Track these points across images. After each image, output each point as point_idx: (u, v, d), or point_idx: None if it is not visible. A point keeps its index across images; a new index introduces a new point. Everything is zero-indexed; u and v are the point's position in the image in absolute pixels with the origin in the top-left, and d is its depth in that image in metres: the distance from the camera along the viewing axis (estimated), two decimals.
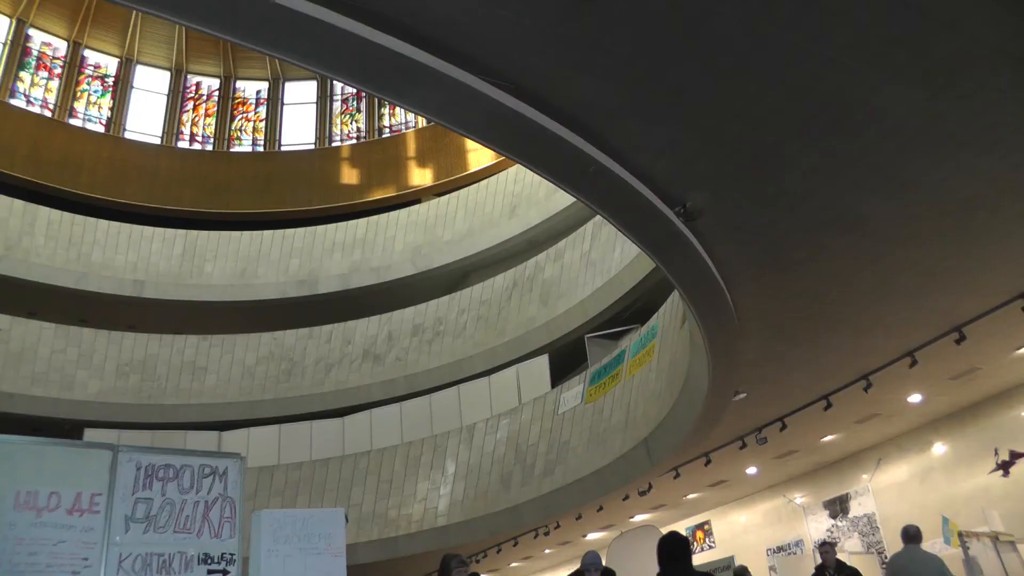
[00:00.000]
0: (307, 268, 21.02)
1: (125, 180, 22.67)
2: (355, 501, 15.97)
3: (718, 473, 13.27)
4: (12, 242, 19.44)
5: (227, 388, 19.25)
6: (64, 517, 5.89)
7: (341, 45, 4.36)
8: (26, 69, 23.15)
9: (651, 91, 4.98)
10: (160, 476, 6.32)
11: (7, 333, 18.21)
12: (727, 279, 6.97)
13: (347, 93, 25.35)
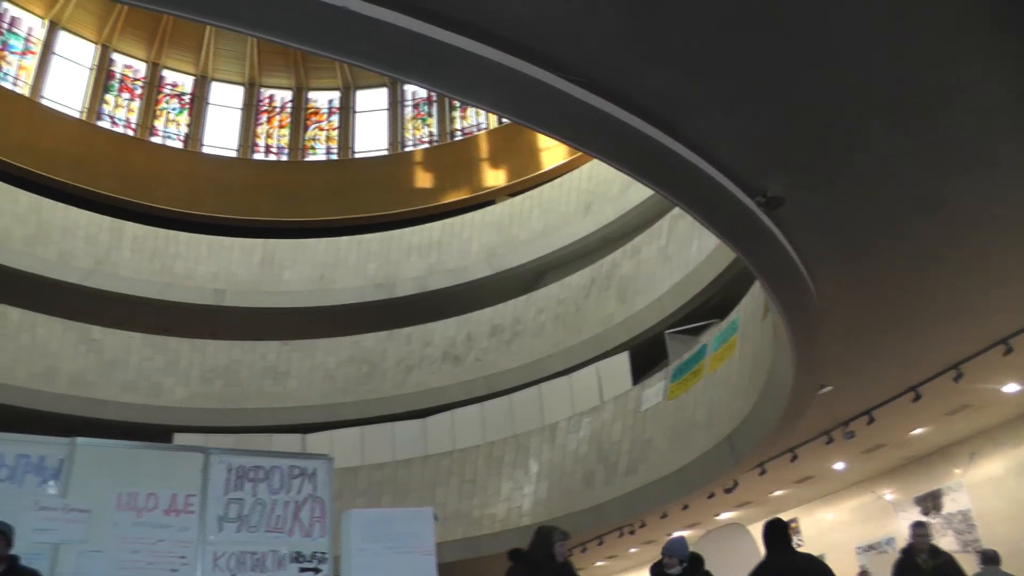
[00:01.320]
0: (384, 272, 21.23)
1: (203, 193, 23.26)
2: (439, 501, 16.06)
3: (804, 469, 13.01)
4: (101, 256, 20.15)
5: (309, 391, 19.55)
6: (161, 517, 6.12)
7: (413, 48, 4.38)
8: (110, 92, 24.15)
9: (726, 80, 4.91)
10: (251, 477, 6.50)
11: (100, 343, 18.80)
12: (809, 268, 6.84)
13: (418, 98, 25.55)
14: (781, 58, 4.74)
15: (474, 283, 20.57)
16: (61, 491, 5.79)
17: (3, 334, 17.85)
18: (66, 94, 23.30)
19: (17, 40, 22.68)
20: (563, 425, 15.86)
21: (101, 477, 5.97)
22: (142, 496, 6.03)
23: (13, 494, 5.54)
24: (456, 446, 17.13)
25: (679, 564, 6.48)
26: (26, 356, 17.95)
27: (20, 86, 22.48)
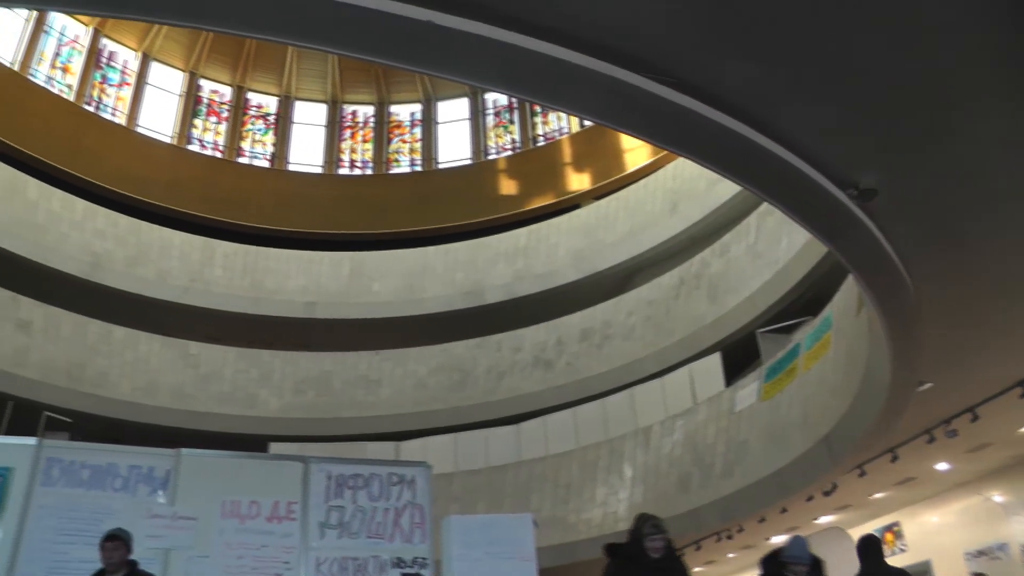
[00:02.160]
0: (472, 280, 21.33)
1: (291, 209, 23.73)
2: (533, 507, 16.03)
3: (906, 470, 12.55)
4: (195, 274, 20.82)
5: (402, 400, 19.75)
6: (264, 524, 6.33)
7: (498, 57, 4.40)
8: (199, 116, 25.05)
9: (812, 71, 4.82)
10: (350, 485, 6.64)
11: (197, 358, 19.44)
12: (905, 260, 6.63)
13: (499, 106, 25.66)
14: (867, 44, 4.61)
15: (562, 288, 20.49)
16: (169, 500, 6.05)
17: (109, 351, 18.71)
18: (158, 121, 24.31)
19: (114, 73, 23.86)
20: (656, 428, 15.69)
21: (206, 486, 6.22)
22: (245, 504, 6.25)
23: (127, 503, 5.87)
24: (549, 452, 17.09)
25: (805, 566, 5.91)
26: (130, 371, 18.76)
27: (118, 116, 23.57)
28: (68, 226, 19.63)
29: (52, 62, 22.57)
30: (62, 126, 21.89)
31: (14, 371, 17.05)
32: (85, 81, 23.03)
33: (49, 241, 19.10)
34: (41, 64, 22.25)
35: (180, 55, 24.97)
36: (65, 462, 6.12)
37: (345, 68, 25.59)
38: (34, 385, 17.23)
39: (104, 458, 6.19)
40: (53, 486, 6.04)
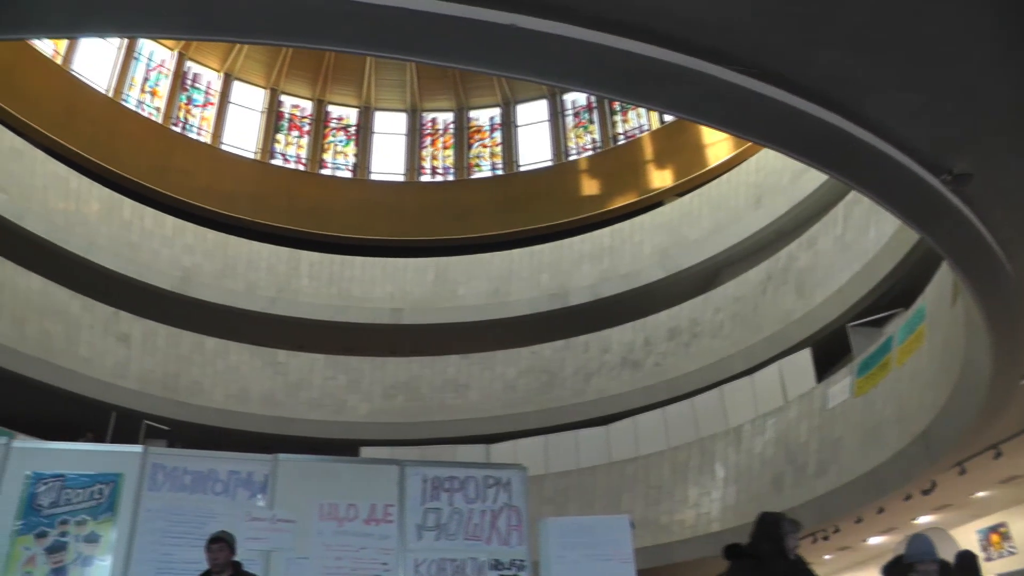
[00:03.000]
0: (557, 281, 21.28)
1: (374, 218, 24.08)
2: (625, 508, 15.89)
3: (1010, 467, 11.90)
4: (282, 285, 21.31)
5: (491, 403, 19.80)
6: (362, 526, 6.43)
7: (584, 57, 4.37)
8: (281, 131, 25.73)
9: (899, 55, 4.63)
10: (446, 488, 6.69)
11: (286, 366, 19.85)
12: (1004, 246, 6.34)
13: (578, 106, 25.62)
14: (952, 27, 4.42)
15: (648, 287, 20.31)
16: (268, 503, 6.18)
17: (202, 361, 19.30)
18: (242, 138, 25.09)
19: (199, 94, 24.79)
20: (747, 427, 15.39)
21: (303, 490, 6.37)
22: (342, 507, 6.37)
23: (228, 506, 6.07)
24: (640, 452, 16.91)
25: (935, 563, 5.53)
26: (222, 380, 19.30)
27: (203, 135, 24.46)
28: (160, 242, 20.31)
29: (141, 87, 23.59)
30: (152, 147, 22.75)
31: (116, 382, 17.83)
32: (172, 103, 23.96)
33: (143, 258, 19.81)
34: (132, 89, 23.28)
35: (261, 73, 25.64)
36: (168, 468, 6.43)
37: (423, 76, 25.87)
38: (134, 395, 17.94)
39: (205, 464, 6.47)
40: (158, 490, 6.35)
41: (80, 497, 6.26)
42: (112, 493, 6.30)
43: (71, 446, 6.92)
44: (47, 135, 20.20)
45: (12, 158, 18.28)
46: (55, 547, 6.08)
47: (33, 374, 16.73)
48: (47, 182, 18.87)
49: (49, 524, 6.15)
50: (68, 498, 6.25)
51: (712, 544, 14.57)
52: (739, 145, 20.69)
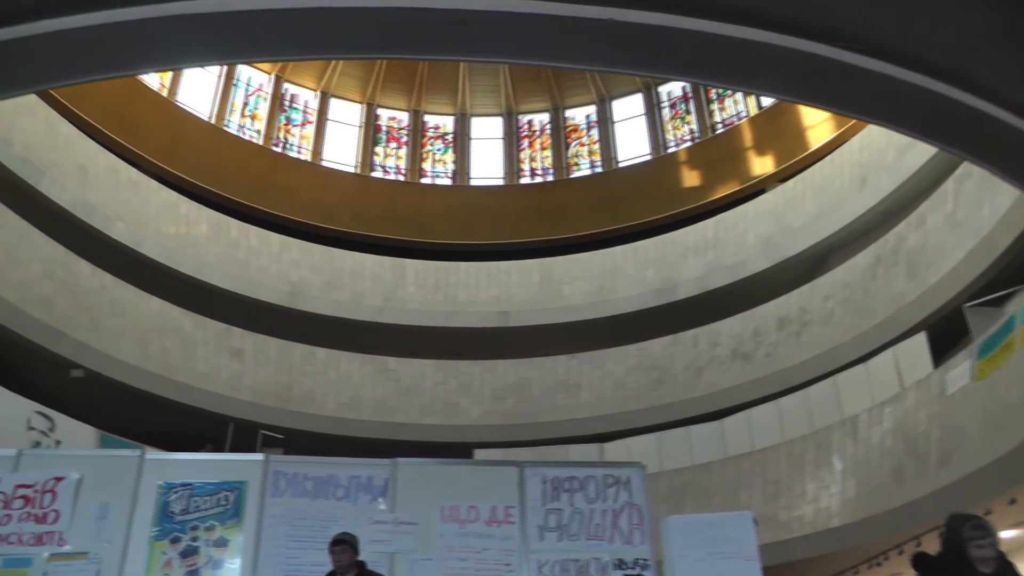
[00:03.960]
0: (662, 276, 21.04)
1: (476, 223, 24.29)
2: (743, 504, 15.54)
3: None
4: (388, 294, 21.68)
5: (601, 401, 19.69)
6: (483, 528, 6.48)
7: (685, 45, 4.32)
8: (379, 144, 26.23)
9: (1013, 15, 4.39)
10: (566, 488, 6.69)
11: (396, 372, 20.23)
12: None
13: (674, 97, 25.34)
14: None
15: (754, 277, 19.89)
16: (390, 506, 6.28)
17: (312, 371, 19.85)
18: (341, 153, 25.69)
19: (297, 113, 25.55)
20: (864, 417, 14.85)
21: (423, 492, 6.48)
22: (463, 509, 6.43)
23: (350, 510, 6.26)
24: (755, 447, 16.54)
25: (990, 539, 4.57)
26: (333, 389, 19.79)
27: (303, 153, 25.18)
28: (267, 259, 20.94)
29: (242, 111, 24.54)
30: (254, 168, 23.53)
31: (232, 395, 18.58)
32: (271, 125, 24.81)
33: (251, 274, 20.47)
34: (233, 115, 24.27)
35: (356, 88, 26.16)
36: (289, 475, 6.69)
37: (517, 79, 25.98)
38: (249, 406, 18.65)
39: (325, 470, 6.69)
40: (281, 496, 6.62)
41: (208, 504, 6.62)
42: (237, 500, 6.62)
43: (197, 456, 7.30)
44: (157, 164, 21.24)
45: (128, 188, 19.26)
46: (188, 551, 6.48)
47: (156, 390, 17.61)
48: (159, 209, 19.76)
49: (181, 530, 6.55)
50: (197, 505, 6.62)
51: (832, 540, 14.19)
52: (841, 125, 20.14)
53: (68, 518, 6.53)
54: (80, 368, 16.79)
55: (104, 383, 17.14)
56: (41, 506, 6.57)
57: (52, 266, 16.84)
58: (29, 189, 16.91)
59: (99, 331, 17.28)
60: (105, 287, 17.80)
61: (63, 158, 18.04)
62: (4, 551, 6.41)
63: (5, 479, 6.71)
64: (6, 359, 16.39)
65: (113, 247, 18.43)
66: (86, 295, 17.37)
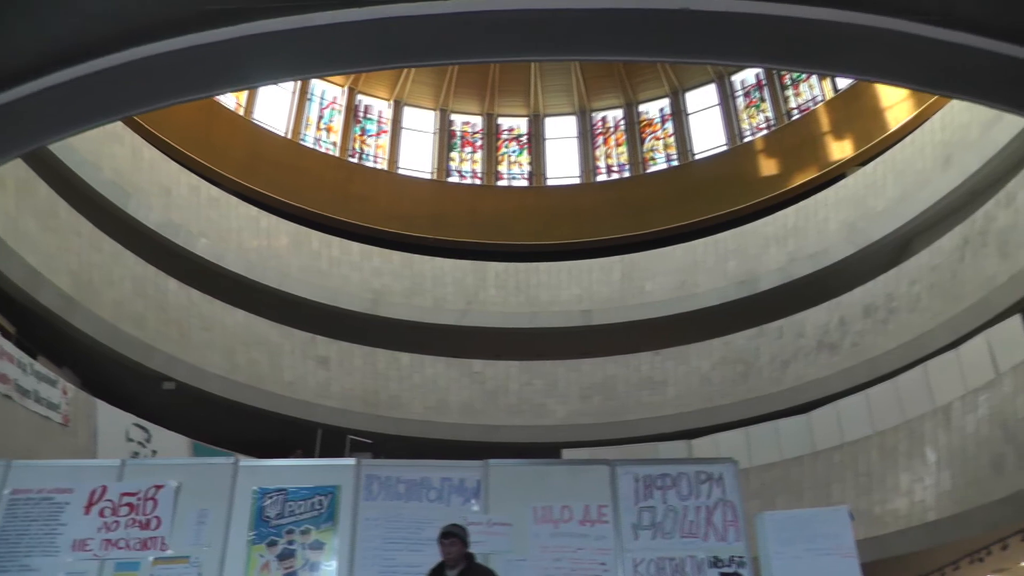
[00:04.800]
0: (744, 268, 20.74)
1: (554, 223, 24.35)
2: (835, 499, 15.17)
3: None
4: (471, 297, 21.88)
5: (688, 397, 19.48)
6: (577, 527, 6.50)
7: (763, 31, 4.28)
8: (454, 149, 26.51)
9: None
10: (658, 485, 6.66)
11: (482, 375, 20.36)
12: None
13: (748, 85, 25.01)
14: None
15: (837, 264, 19.46)
16: (483, 508, 6.34)
17: (398, 376, 20.13)
18: (417, 160, 26.04)
19: (371, 124, 26.02)
20: (957, 405, 14.33)
21: (515, 493, 6.51)
22: (556, 509, 6.47)
23: (443, 512, 6.38)
24: (845, 439, 16.10)
25: None
26: (420, 393, 20.05)
27: (380, 162, 25.63)
28: (348, 268, 21.30)
29: (317, 125, 25.12)
30: (332, 180, 24.04)
31: (319, 402, 19.01)
32: (347, 136, 25.31)
33: (333, 284, 20.87)
34: (308, 128, 24.87)
35: (429, 96, 26.46)
36: (382, 478, 6.82)
37: (589, 76, 25.99)
38: (337, 412, 19.04)
39: (417, 473, 6.82)
40: (374, 500, 6.77)
41: (302, 508, 6.80)
42: (331, 504, 6.78)
43: (290, 462, 7.51)
44: (237, 181, 21.87)
45: (210, 206, 19.84)
46: (285, 554, 6.69)
47: (245, 400, 18.13)
48: (240, 224, 20.29)
49: (277, 534, 6.77)
50: (291, 509, 6.82)
51: (930, 535, 13.73)
52: (920, 103, 19.66)
53: (169, 524, 6.85)
54: (172, 381, 17.43)
55: (195, 394, 17.74)
56: (144, 513, 6.92)
57: (142, 284, 17.48)
58: (118, 211, 17.58)
59: (188, 345, 17.86)
60: (193, 302, 18.38)
61: (148, 180, 18.69)
62: (114, 555, 6.78)
63: (111, 488, 7.06)
64: (104, 374, 17.08)
65: (198, 263, 19.04)
66: (175, 311, 17.96)
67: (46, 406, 13.79)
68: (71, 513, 6.95)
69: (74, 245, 16.11)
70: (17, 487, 7.10)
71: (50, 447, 13.42)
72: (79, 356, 16.70)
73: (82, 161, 16.70)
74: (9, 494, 7.08)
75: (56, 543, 6.84)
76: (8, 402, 12.91)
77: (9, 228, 14.20)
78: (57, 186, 15.85)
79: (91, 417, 15.09)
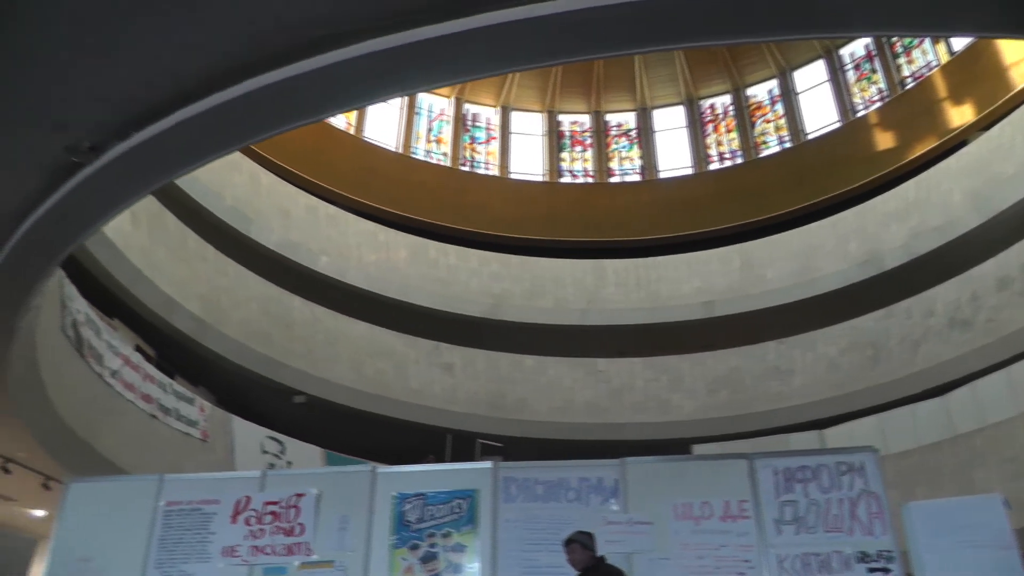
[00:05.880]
0: (866, 248, 19.93)
1: (669, 215, 24.17)
2: (979, 486, 14.43)
3: None
4: (590, 296, 21.90)
5: (816, 385, 18.93)
6: (718, 524, 6.39)
7: None
8: (564, 149, 26.59)
9: None
10: (798, 478, 6.46)
11: (606, 373, 20.37)
12: None
13: (857, 57, 24.11)
14: None
15: (965, 236, 18.39)
16: (622, 507, 6.31)
17: (523, 379, 20.37)
18: (527, 163, 26.26)
19: (480, 131, 26.35)
20: None
21: (654, 491, 6.45)
22: (696, 505, 6.39)
23: (582, 512, 6.41)
24: (986, 422, 15.32)
25: None
26: (545, 394, 20.21)
27: (491, 168, 25.90)
28: (467, 275, 21.59)
29: (427, 137, 25.56)
30: (445, 189, 24.47)
31: (446, 407, 19.43)
32: (456, 146, 25.69)
33: (453, 291, 21.17)
34: (418, 142, 25.37)
35: (535, 99, 26.62)
36: (520, 480, 6.91)
37: (694, 64, 25.68)
38: (464, 417, 19.38)
39: (554, 473, 6.85)
40: (513, 502, 6.85)
41: (442, 512, 6.98)
42: (470, 507, 6.92)
43: (427, 468, 7.65)
44: (352, 198, 22.52)
45: (328, 224, 20.45)
46: (427, 557, 6.87)
47: (373, 409, 18.67)
48: (359, 239, 20.84)
49: (419, 537, 6.95)
50: (431, 513, 7.00)
51: None
52: None
53: (312, 530, 7.18)
54: (302, 394, 18.07)
55: (325, 406, 18.36)
56: (288, 520, 7.28)
57: (268, 304, 18.19)
58: (240, 236, 18.30)
59: (316, 359, 18.45)
60: (317, 318, 18.99)
61: (267, 204, 19.38)
62: (261, 561, 7.18)
63: (255, 497, 7.47)
64: (237, 391, 17.82)
65: (320, 280, 19.62)
66: (300, 327, 18.60)
67: (186, 423, 14.61)
68: (219, 522, 7.43)
69: (202, 271, 16.89)
70: (170, 499, 7.68)
71: (192, 462, 14.15)
72: (213, 375, 17.51)
73: (205, 191, 17.45)
74: (163, 505, 7.65)
75: (208, 550, 7.34)
76: (153, 421, 13.70)
77: (144, 260, 15.01)
78: (184, 217, 16.67)
79: (228, 432, 15.90)
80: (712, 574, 6.18)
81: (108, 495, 7.94)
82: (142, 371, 13.88)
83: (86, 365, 12.15)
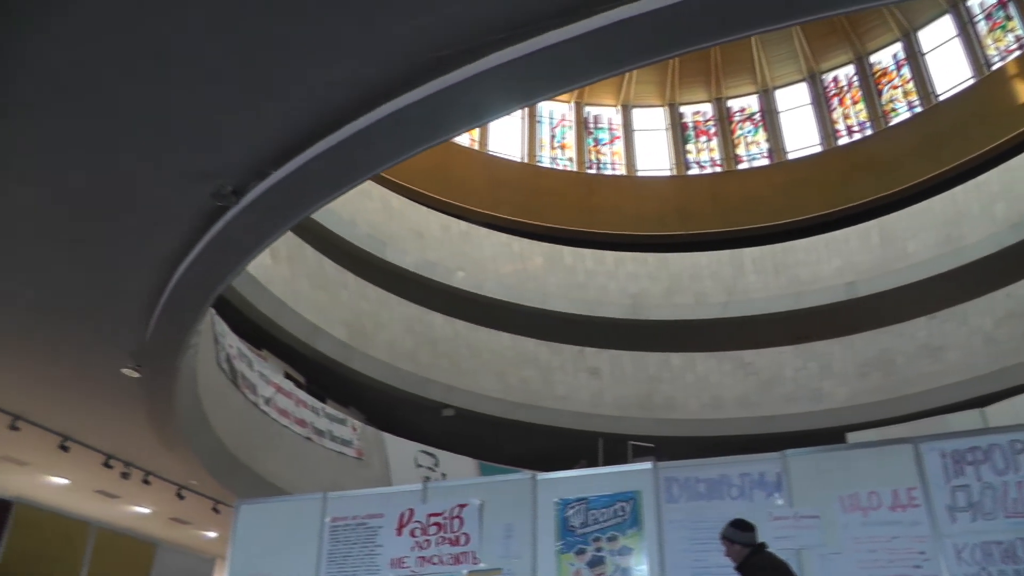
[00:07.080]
0: (1015, 209, 18.48)
1: (802, 196, 23.45)
2: None
3: None
4: (731, 287, 21.55)
5: (972, 361, 17.75)
6: (888, 514, 6.07)
7: None
8: (689, 141, 26.26)
9: None
10: (969, 460, 5.99)
11: (754, 365, 20.10)
12: None
13: (988, 6, 22.43)
14: None
15: None
16: (787, 501, 6.17)
17: (671, 377, 20.31)
18: (654, 159, 26.10)
19: (603, 132, 26.36)
20: None
21: (818, 483, 6.27)
22: (863, 496, 6.13)
23: (746, 508, 6.25)
24: None
25: None
26: (693, 391, 20.07)
27: (618, 168, 25.88)
28: (604, 277, 21.62)
29: (550, 144, 25.76)
30: (574, 194, 24.57)
31: (595, 411, 19.56)
32: (581, 150, 25.79)
33: (592, 295, 21.25)
34: (543, 150, 25.60)
35: (655, 94, 26.42)
36: (681, 479, 6.83)
37: (812, 38, 24.81)
38: (614, 420, 19.43)
39: (715, 471, 6.74)
40: (676, 502, 6.77)
41: (605, 516, 6.99)
42: (633, 509, 6.90)
43: (586, 472, 7.68)
44: (482, 212, 22.87)
45: (462, 240, 20.86)
46: (594, 562, 6.87)
47: (522, 417, 18.92)
48: (493, 252, 21.12)
49: (584, 542, 6.97)
50: (595, 518, 7.02)
51: None
52: None
53: (478, 539, 7.33)
54: (450, 408, 18.48)
55: (473, 417, 18.72)
56: (452, 530, 7.48)
57: (410, 323, 18.69)
58: (377, 260, 18.87)
59: (460, 372, 18.82)
60: (458, 333, 19.37)
61: (399, 227, 19.90)
62: (429, 571, 7.40)
63: (418, 509, 7.72)
64: (387, 408, 18.39)
65: (458, 295, 20.00)
66: (443, 343, 19.02)
67: (340, 443, 15.26)
68: (385, 535, 7.71)
69: (343, 297, 17.51)
70: (335, 515, 8.01)
71: (350, 479, 14.72)
72: (362, 395, 18.10)
73: (339, 220, 18.05)
74: (330, 522, 7.99)
75: (376, 562, 7.62)
76: (309, 443, 14.32)
77: (288, 291, 15.69)
78: (321, 247, 17.32)
79: (381, 449, 16.50)
80: (886, 567, 5.88)
81: (276, 514, 8.42)
82: (294, 397, 14.59)
83: (242, 396, 12.81)
